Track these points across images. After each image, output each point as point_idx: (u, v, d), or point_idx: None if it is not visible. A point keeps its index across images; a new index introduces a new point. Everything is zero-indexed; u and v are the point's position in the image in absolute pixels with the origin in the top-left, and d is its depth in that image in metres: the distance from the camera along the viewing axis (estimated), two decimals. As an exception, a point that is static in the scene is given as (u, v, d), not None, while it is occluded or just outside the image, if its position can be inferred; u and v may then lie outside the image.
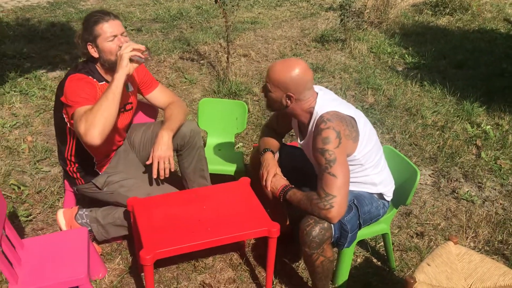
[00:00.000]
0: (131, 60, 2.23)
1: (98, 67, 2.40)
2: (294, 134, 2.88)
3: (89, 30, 2.30)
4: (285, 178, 2.25)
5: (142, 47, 2.26)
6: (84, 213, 2.54)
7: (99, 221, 2.53)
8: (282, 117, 2.48)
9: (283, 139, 2.66)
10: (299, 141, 2.33)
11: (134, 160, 2.67)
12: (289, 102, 2.12)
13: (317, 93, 2.17)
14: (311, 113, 2.15)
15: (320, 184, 2.03)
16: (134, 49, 2.23)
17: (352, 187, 2.20)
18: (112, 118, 2.18)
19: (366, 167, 2.20)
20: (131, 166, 2.61)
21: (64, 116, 2.36)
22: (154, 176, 2.39)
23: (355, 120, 2.11)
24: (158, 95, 2.71)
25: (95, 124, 2.11)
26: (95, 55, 2.34)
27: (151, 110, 2.95)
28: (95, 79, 2.36)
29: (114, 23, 2.31)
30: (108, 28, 2.29)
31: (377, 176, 2.26)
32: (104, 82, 2.39)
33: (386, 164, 2.35)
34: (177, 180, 2.83)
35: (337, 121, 2.04)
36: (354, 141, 2.09)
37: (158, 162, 2.38)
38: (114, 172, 2.54)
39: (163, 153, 2.38)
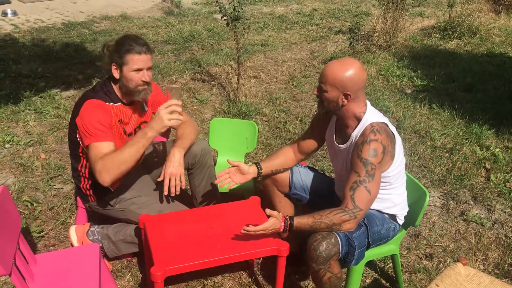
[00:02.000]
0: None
1: (116, 88, 2.46)
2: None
3: (120, 54, 2.35)
4: (276, 213, 2.13)
5: (180, 103, 2.21)
6: (95, 229, 2.58)
7: (110, 238, 2.56)
8: (313, 134, 2.49)
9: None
10: (338, 145, 2.30)
11: (146, 178, 2.71)
12: (345, 101, 2.11)
13: (367, 102, 2.20)
14: (359, 119, 2.15)
15: (351, 194, 2.04)
16: (174, 110, 2.19)
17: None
18: (128, 169, 2.27)
19: (393, 186, 2.24)
20: (143, 184, 2.65)
21: (78, 137, 2.42)
22: (165, 193, 2.43)
23: (395, 138, 2.15)
24: None
25: (111, 172, 2.22)
26: (116, 76, 2.40)
27: None
28: (111, 102, 2.43)
29: (145, 57, 2.38)
30: (137, 61, 2.36)
31: (398, 197, 2.29)
32: (119, 103, 2.46)
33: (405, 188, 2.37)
34: (187, 198, 2.86)
35: (385, 135, 2.07)
36: (391, 158, 2.13)
37: (170, 179, 2.42)
38: (126, 189, 2.58)
39: (174, 170, 2.42)
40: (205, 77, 5.70)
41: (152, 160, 2.75)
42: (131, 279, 2.59)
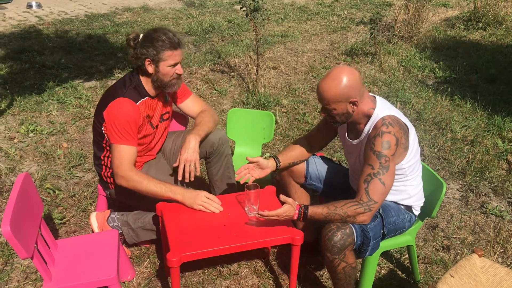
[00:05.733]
0: None
1: (145, 81, 2.47)
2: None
3: (156, 50, 2.35)
4: (291, 200, 2.13)
5: (217, 204, 2.34)
6: (116, 216, 2.64)
7: (129, 225, 2.61)
8: (325, 128, 2.50)
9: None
10: (350, 140, 2.30)
11: (164, 166, 2.75)
12: (355, 107, 2.11)
13: (374, 97, 2.20)
14: (369, 116, 2.14)
15: (365, 187, 2.04)
16: (210, 205, 2.32)
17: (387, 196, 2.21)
18: (140, 193, 2.39)
19: (409, 178, 2.22)
20: (161, 172, 2.69)
21: (103, 130, 2.46)
22: (179, 178, 2.47)
23: (408, 129, 2.14)
24: (190, 104, 2.79)
25: (128, 184, 2.37)
26: (151, 71, 2.41)
27: (181, 118, 3.04)
28: (140, 98, 2.44)
29: (180, 52, 2.41)
30: (175, 56, 2.38)
31: (414, 188, 2.28)
32: (147, 97, 2.48)
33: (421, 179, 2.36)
34: (205, 187, 2.90)
35: (397, 127, 2.06)
36: (404, 150, 2.11)
37: (184, 165, 2.46)
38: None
39: (189, 156, 2.46)
40: (225, 68, 5.72)
41: (171, 149, 2.80)
42: (149, 265, 2.65)
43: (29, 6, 8.62)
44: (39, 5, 8.69)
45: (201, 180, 3.32)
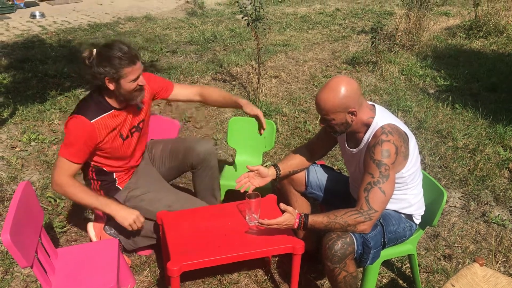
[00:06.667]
0: None
1: (108, 96, 2.43)
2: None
3: (115, 68, 2.28)
4: (292, 209, 2.14)
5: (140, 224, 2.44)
6: (113, 223, 2.64)
7: (126, 232, 2.61)
8: (325, 137, 2.50)
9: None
10: (350, 149, 2.29)
11: (155, 174, 2.75)
12: (353, 117, 2.11)
13: (373, 105, 2.20)
14: (368, 125, 2.14)
15: (365, 195, 2.03)
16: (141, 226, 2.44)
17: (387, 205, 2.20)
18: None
19: (409, 186, 2.22)
20: (151, 180, 2.68)
21: None
22: (264, 127, 2.68)
23: (408, 138, 2.14)
24: (179, 91, 2.78)
25: (64, 193, 2.38)
26: (111, 88, 2.35)
27: (171, 126, 3.05)
28: (101, 114, 2.40)
29: (139, 65, 2.37)
30: (135, 71, 2.34)
31: (414, 197, 2.27)
32: (112, 110, 2.44)
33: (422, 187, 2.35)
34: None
35: (397, 136, 2.07)
36: (404, 158, 2.11)
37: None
38: (135, 187, 2.62)
39: (257, 109, 2.66)
40: (226, 77, 5.74)
41: (161, 157, 2.80)
42: (149, 274, 2.64)
43: (33, 16, 8.69)
44: (42, 15, 8.76)
45: (187, 189, 3.32)
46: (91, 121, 2.35)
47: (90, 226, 2.68)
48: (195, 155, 2.71)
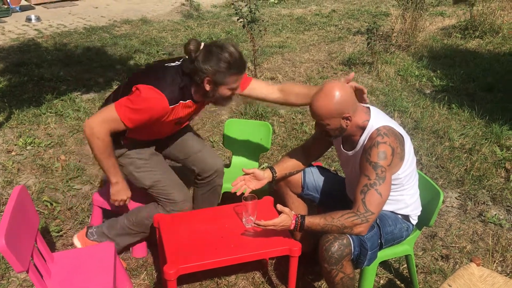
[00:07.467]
0: None
1: (195, 88, 2.32)
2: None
3: (221, 73, 2.20)
4: (287, 210, 2.13)
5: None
6: (93, 230, 2.66)
7: (106, 235, 2.63)
8: (320, 139, 2.49)
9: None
10: (346, 151, 2.29)
11: (158, 155, 2.68)
12: (348, 122, 2.11)
13: (368, 108, 2.20)
14: (364, 127, 2.14)
15: (362, 197, 2.03)
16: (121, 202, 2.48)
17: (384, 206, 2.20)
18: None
19: (405, 187, 2.22)
20: (152, 156, 2.60)
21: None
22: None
23: (403, 139, 2.14)
24: (257, 85, 2.59)
25: (92, 136, 2.25)
26: (207, 89, 2.27)
27: None
28: (180, 100, 2.30)
29: (244, 75, 2.32)
30: (239, 81, 2.29)
31: (411, 197, 2.27)
32: (190, 100, 2.36)
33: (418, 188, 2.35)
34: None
35: (393, 137, 2.07)
36: (400, 159, 2.11)
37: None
38: (133, 148, 2.52)
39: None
40: (223, 79, 5.72)
41: (169, 141, 2.74)
42: (146, 277, 2.63)
43: (28, 19, 8.67)
44: (38, 19, 8.74)
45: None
46: (170, 106, 2.26)
47: (75, 238, 2.72)
48: (203, 167, 2.71)
